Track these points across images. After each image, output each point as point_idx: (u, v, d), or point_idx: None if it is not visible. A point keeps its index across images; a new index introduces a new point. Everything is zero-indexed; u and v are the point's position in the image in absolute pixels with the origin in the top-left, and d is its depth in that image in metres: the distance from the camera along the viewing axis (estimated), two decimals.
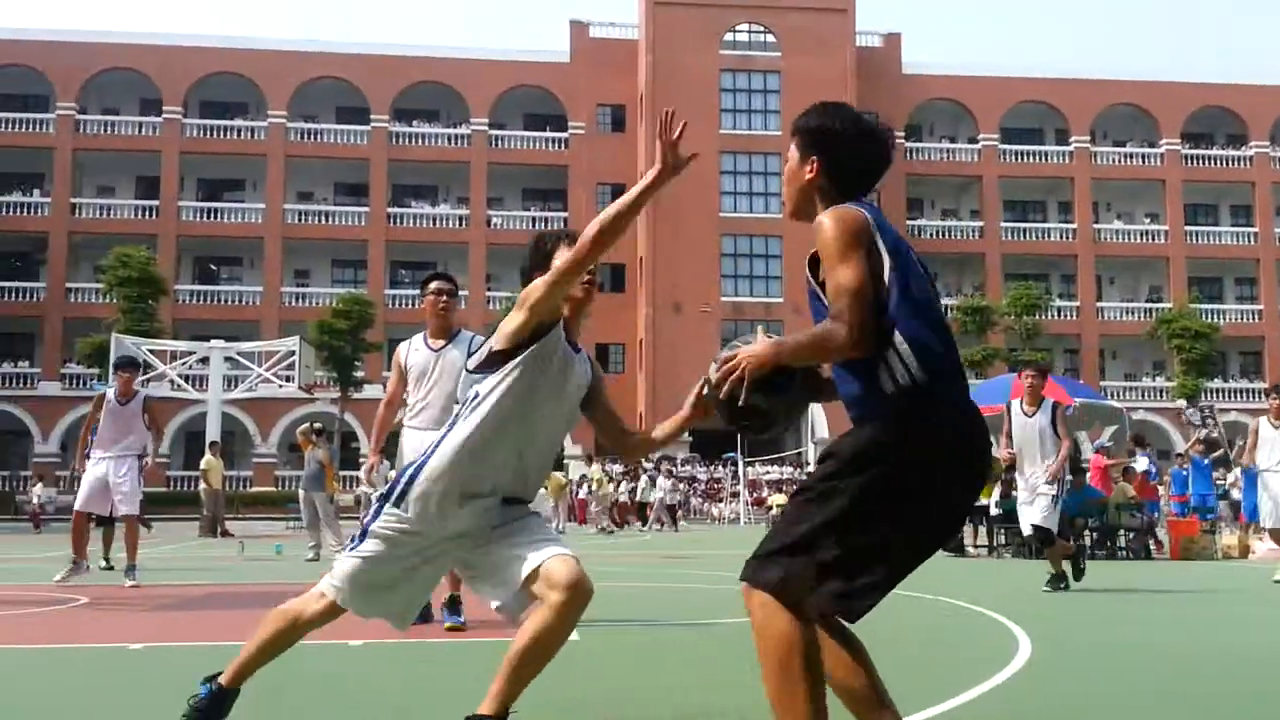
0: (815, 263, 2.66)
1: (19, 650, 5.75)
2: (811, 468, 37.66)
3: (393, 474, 3.47)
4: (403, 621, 3.17)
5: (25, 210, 44.74)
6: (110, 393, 9.69)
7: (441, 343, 6.41)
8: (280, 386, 32.05)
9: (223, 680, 3.14)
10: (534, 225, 47.24)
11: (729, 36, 46.53)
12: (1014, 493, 10.93)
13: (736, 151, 45.41)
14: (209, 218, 45.82)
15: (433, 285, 6.42)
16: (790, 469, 40.00)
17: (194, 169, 46.26)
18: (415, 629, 4.66)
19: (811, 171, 2.72)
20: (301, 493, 14.73)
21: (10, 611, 7.48)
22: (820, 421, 37.73)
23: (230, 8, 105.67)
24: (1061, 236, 49.04)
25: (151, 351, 30.78)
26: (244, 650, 3.15)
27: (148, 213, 45.08)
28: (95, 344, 35.98)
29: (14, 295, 44.27)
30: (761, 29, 46.70)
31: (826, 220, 2.58)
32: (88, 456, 9.65)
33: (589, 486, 30.36)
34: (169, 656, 5.41)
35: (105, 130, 45.56)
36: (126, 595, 8.61)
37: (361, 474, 3.85)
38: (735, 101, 46.24)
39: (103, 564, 11.21)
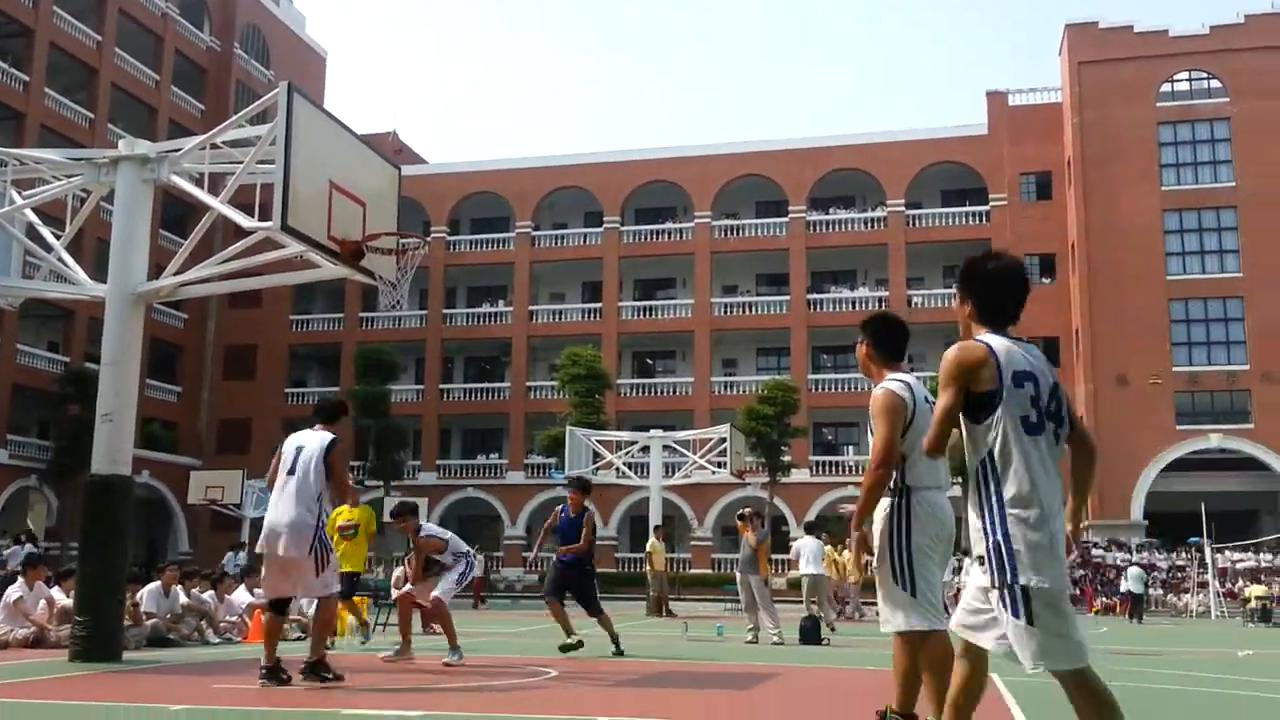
0: None
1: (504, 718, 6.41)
2: None
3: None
4: None
5: (493, 320, 50.69)
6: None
7: None
8: (713, 473, 33.33)
9: None
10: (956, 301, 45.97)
11: (1166, 87, 43.17)
12: None
13: (1182, 209, 41.69)
14: (645, 315, 49.30)
15: None
16: (1269, 555, 35.31)
17: (631, 271, 50.16)
18: None
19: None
20: (738, 575, 15.18)
21: (496, 681, 8.35)
22: None
23: (657, 121, 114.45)
24: None
25: (600, 442, 33.33)
26: None
27: (592, 315, 49.38)
28: (552, 436, 39.61)
29: (485, 395, 50.09)
30: (1204, 75, 42.91)
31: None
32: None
33: None
34: None
35: (556, 243, 50.74)
36: (588, 669, 9.30)
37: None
38: (1178, 155, 42.60)
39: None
